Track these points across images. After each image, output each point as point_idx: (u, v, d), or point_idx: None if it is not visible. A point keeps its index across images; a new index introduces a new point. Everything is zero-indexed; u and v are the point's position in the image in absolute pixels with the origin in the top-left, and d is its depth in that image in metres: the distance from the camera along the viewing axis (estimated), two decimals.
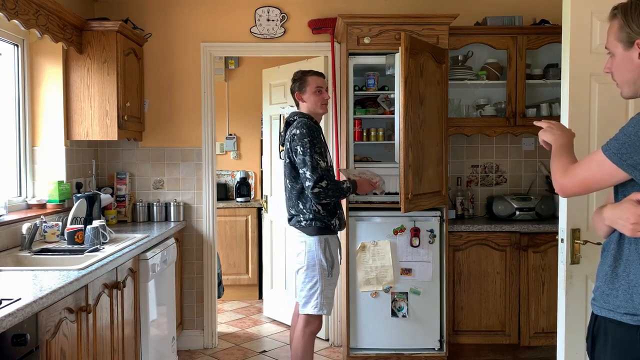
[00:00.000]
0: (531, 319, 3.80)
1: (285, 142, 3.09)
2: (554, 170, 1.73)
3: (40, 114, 3.56)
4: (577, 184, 1.65)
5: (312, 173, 2.93)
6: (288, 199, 3.14)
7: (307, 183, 2.96)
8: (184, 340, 4.15)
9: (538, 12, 4.09)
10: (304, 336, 3.11)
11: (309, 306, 3.06)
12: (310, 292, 3.05)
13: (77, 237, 2.97)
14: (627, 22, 1.56)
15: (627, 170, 1.50)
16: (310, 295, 3.05)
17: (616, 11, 1.60)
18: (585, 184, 1.64)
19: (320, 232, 3.04)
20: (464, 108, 4.07)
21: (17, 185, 3.44)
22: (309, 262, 3.04)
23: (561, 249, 2.26)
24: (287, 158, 3.06)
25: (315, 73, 3.19)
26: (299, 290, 3.12)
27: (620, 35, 1.58)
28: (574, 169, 1.65)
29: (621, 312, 1.53)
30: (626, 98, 1.67)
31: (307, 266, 3.05)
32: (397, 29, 3.60)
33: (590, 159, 1.61)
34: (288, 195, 3.13)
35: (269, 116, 4.84)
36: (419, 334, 3.73)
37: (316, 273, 3.04)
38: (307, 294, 3.06)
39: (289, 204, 3.14)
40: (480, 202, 4.28)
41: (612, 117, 2.24)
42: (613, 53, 1.63)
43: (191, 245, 4.17)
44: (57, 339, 2.01)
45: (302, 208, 3.06)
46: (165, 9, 4.12)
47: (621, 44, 1.58)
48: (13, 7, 2.73)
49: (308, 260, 3.05)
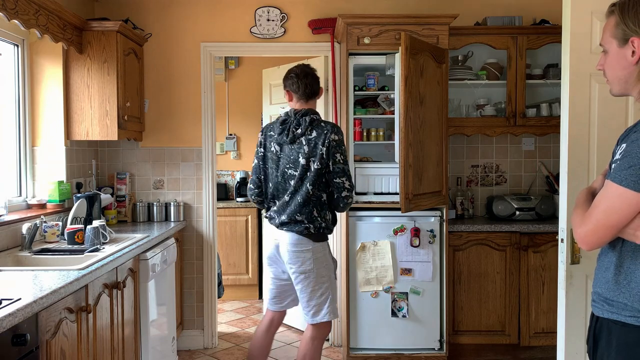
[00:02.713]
0: (531, 319, 3.80)
1: (317, 146, 2.82)
2: (572, 221, 1.62)
3: (40, 114, 3.56)
4: (601, 227, 1.50)
5: (350, 183, 2.88)
6: (299, 205, 2.87)
7: (344, 193, 2.87)
8: (184, 340, 4.15)
9: (538, 12, 4.09)
10: (319, 346, 3.00)
11: (321, 314, 2.94)
12: (321, 299, 2.93)
13: (77, 237, 2.98)
14: (623, 19, 1.55)
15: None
16: (322, 303, 2.94)
17: (614, 8, 1.59)
18: (608, 225, 1.49)
19: (326, 238, 2.99)
20: (464, 108, 4.07)
21: (17, 185, 3.44)
22: (318, 269, 2.91)
23: (561, 249, 2.26)
24: (320, 164, 2.82)
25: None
26: (307, 300, 2.94)
27: (615, 32, 1.58)
28: (590, 215, 1.53)
29: (626, 314, 1.52)
30: (615, 95, 1.66)
31: (316, 274, 2.91)
32: (397, 29, 3.60)
33: (605, 197, 1.50)
34: (301, 202, 2.86)
35: (269, 116, 4.84)
36: (419, 334, 3.73)
37: (325, 279, 2.94)
38: (317, 302, 2.93)
39: (296, 210, 2.88)
40: (480, 202, 4.28)
41: (612, 117, 2.24)
42: (607, 50, 1.62)
43: (191, 245, 4.17)
44: (57, 339, 2.01)
45: (316, 216, 2.88)
46: (165, 9, 4.12)
47: (616, 41, 1.58)
48: (13, 7, 2.73)
49: (317, 266, 2.91)
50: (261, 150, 3.04)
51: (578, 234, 1.57)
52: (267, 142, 3.01)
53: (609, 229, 1.50)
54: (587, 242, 1.55)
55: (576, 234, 1.58)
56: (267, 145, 3.01)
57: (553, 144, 4.24)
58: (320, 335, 3.01)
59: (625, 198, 1.45)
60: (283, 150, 2.93)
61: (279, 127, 2.95)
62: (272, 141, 2.98)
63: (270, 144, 2.98)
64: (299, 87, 2.97)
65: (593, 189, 1.68)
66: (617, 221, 1.48)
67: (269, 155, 2.99)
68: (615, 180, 1.47)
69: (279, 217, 2.96)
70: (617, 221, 1.48)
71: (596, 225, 1.51)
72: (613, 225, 1.49)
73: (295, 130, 2.87)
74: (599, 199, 1.53)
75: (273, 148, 2.96)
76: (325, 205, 2.92)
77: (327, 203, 2.93)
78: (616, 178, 1.47)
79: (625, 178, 1.44)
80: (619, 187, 1.46)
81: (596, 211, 1.52)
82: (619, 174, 1.46)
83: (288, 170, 2.90)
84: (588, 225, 1.53)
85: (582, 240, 1.56)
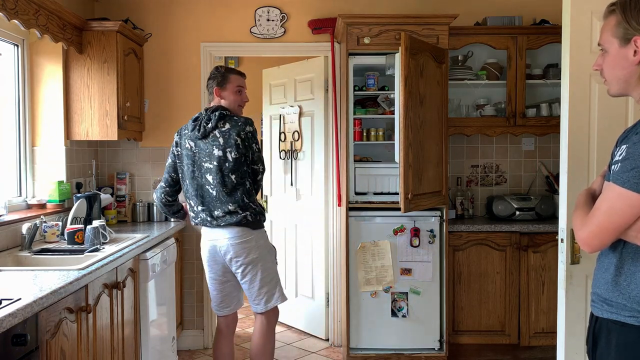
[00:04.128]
0: (531, 319, 3.80)
1: (232, 136, 2.91)
2: (573, 224, 1.62)
3: (40, 114, 3.56)
4: (603, 229, 1.49)
5: (264, 166, 3.09)
6: (227, 195, 2.91)
7: (259, 176, 3.07)
8: (184, 340, 4.15)
9: (538, 12, 4.09)
10: (273, 332, 3.12)
11: (274, 298, 3.04)
12: (271, 284, 3.03)
13: (77, 237, 2.98)
14: (625, 18, 1.53)
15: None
16: (273, 287, 3.04)
17: (614, 7, 1.57)
18: (610, 227, 1.48)
19: (263, 226, 3.07)
20: (464, 108, 4.07)
21: (17, 185, 3.44)
22: (264, 255, 3.00)
23: (561, 249, 2.26)
24: (237, 153, 2.91)
25: (238, 72, 3.13)
26: (258, 288, 2.99)
27: (617, 32, 1.56)
28: (592, 216, 1.52)
29: (626, 314, 1.52)
30: (613, 96, 1.64)
31: (263, 260, 2.99)
32: (397, 29, 3.60)
33: (607, 199, 1.49)
34: (228, 191, 2.91)
35: (269, 116, 4.84)
36: (418, 334, 3.73)
37: (271, 264, 3.06)
38: (268, 287, 3.02)
39: (225, 200, 2.90)
40: (480, 202, 4.28)
41: (612, 117, 2.24)
42: (606, 49, 1.60)
43: (191, 245, 4.17)
44: (57, 339, 2.01)
45: (248, 202, 2.94)
46: (165, 9, 4.12)
47: (617, 40, 1.56)
48: (13, 7, 2.73)
49: (262, 253, 2.99)
50: (177, 149, 3.07)
51: (580, 236, 1.56)
52: (182, 141, 3.05)
53: (611, 231, 1.49)
54: (589, 244, 1.54)
55: (578, 236, 1.57)
56: (182, 143, 3.04)
57: (553, 144, 4.24)
58: (273, 322, 3.12)
59: (628, 200, 1.45)
60: (198, 146, 2.97)
61: (192, 124, 3.02)
62: (186, 139, 3.02)
63: (185, 142, 3.02)
64: (208, 86, 3.13)
65: (593, 190, 1.67)
66: (619, 223, 1.47)
67: (184, 153, 3.02)
68: (617, 182, 1.46)
69: (211, 213, 2.96)
70: (619, 223, 1.47)
71: (598, 228, 1.50)
72: (615, 227, 1.48)
73: (206, 125, 2.95)
74: (600, 201, 1.52)
75: (187, 145, 3.00)
76: (252, 192, 3.01)
77: (253, 190, 3.03)
78: (618, 180, 1.46)
79: (628, 180, 1.44)
80: (621, 189, 1.45)
81: (598, 213, 1.51)
82: (621, 175, 1.46)
83: (205, 164, 2.95)
84: (590, 227, 1.52)
85: (585, 243, 1.55)
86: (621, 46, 1.56)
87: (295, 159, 4.51)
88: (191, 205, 3.04)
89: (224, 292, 3.12)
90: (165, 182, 3.14)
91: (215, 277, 3.09)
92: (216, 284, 3.11)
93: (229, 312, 3.17)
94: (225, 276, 3.08)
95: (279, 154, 4.65)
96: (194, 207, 3.03)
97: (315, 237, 4.34)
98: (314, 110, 4.30)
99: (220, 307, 3.15)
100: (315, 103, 4.29)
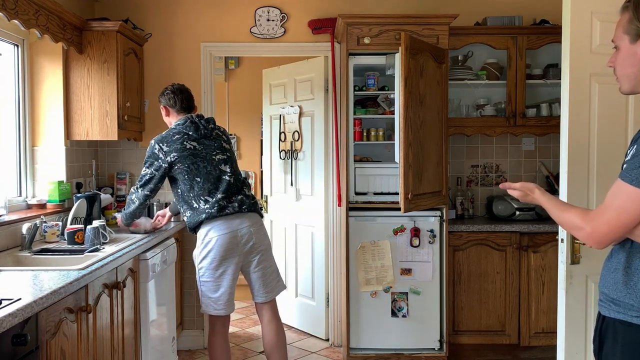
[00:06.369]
0: (531, 319, 3.80)
1: (226, 135, 3.24)
2: (569, 223, 1.62)
3: (40, 114, 3.56)
4: (612, 225, 1.49)
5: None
6: (242, 182, 3.15)
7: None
8: (184, 340, 4.15)
9: (538, 12, 4.09)
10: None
11: (282, 282, 3.29)
12: (277, 269, 3.27)
13: (77, 237, 2.97)
14: (637, 15, 1.53)
15: None
16: (279, 272, 3.28)
17: (628, 4, 1.56)
18: (618, 223, 1.49)
19: None
20: (464, 108, 4.07)
21: (17, 185, 3.44)
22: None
23: (561, 249, 2.26)
24: (233, 151, 3.26)
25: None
26: (274, 274, 3.21)
27: (628, 28, 1.55)
28: (601, 212, 1.52)
29: (632, 314, 1.52)
30: (624, 93, 1.64)
31: (271, 247, 3.28)
32: (397, 29, 3.60)
33: (615, 196, 1.50)
34: (242, 179, 3.18)
35: (269, 116, 4.84)
36: (418, 334, 3.73)
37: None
38: (277, 272, 3.25)
39: (242, 186, 3.13)
40: (480, 202, 4.28)
41: (612, 117, 2.24)
42: (618, 46, 1.60)
43: (191, 245, 4.13)
44: (57, 339, 2.01)
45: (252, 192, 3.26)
46: (165, 9, 4.12)
47: (628, 37, 1.55)
48: (13, 7, 2.73)
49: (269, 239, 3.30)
50: (172, 156, 2.97)
51: (587, 232, 1.55)
52: (181, 146, 2.98)
53: (619, 227, 1.49)
54: (597, 239, 1.54)
55: (583, 233, 1.56)
56: (182, 147, 2.98)
57: (553, 144, 4.23)
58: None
59: (635, 197, 1.45)
60: (202, 144, 3.05)
61: (191, 126, 3.05)
62: (186, 141, 3.00)
63: (186, 144, 3.00)
64: (175, 101, 3.18)
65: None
66: (627, 219, 1.48)
67: (186, 154, 2.98)
68: (625, 180, 1.47)
69: (234, 199, 3.02)
70: (627, 220, 1.48)
71: (608, 224, 1.50)
72: (623, 223, 1.49)
73: (208, 125, 3.13)
74: (609, 198, 1.52)
75: (189, 146, 3.01)
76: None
77: None
78: (627, 177, 1.47)
79: (636, 177, 1.45)
80: (629, 186, 1.46)
81: (606, 208, 1.51)
82: (629, 173, 1.47)
83: (216, 157, 3.07)
84: (597, 222, 1.52)
85: (592, 238, 1.54)
86: (632, 43, 1.55)
87: (295, 159, 4.51)
88: (207, 200, 2.99)
89: (233, 289, 3.11)
90: (152, 192, 3.08)
91: (232, 272, 3.04)
92: (231, 279, 3.05)
93: (232, 310, 3.16)
94: (237, 268, 3.09)
95: (279, 154, 4.65)
96: (210, 200, 2.98)
97: (316, 237, 4.34)
98: (314, 110, 4.30)
99: (228, 305, 3.09)
100: (316, 103, 4.29)
